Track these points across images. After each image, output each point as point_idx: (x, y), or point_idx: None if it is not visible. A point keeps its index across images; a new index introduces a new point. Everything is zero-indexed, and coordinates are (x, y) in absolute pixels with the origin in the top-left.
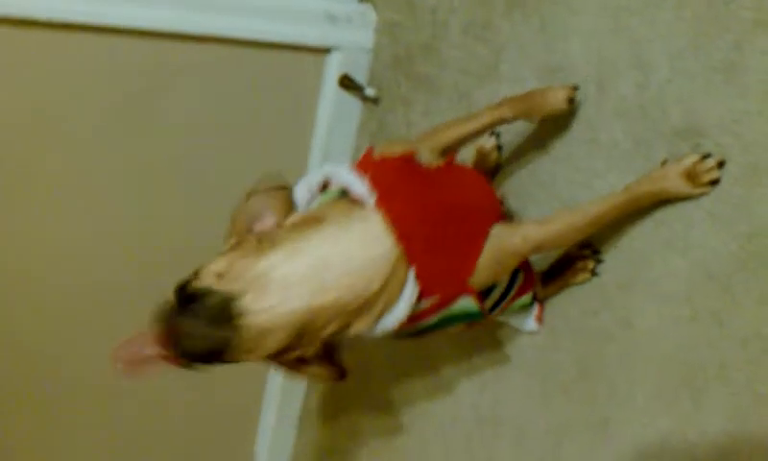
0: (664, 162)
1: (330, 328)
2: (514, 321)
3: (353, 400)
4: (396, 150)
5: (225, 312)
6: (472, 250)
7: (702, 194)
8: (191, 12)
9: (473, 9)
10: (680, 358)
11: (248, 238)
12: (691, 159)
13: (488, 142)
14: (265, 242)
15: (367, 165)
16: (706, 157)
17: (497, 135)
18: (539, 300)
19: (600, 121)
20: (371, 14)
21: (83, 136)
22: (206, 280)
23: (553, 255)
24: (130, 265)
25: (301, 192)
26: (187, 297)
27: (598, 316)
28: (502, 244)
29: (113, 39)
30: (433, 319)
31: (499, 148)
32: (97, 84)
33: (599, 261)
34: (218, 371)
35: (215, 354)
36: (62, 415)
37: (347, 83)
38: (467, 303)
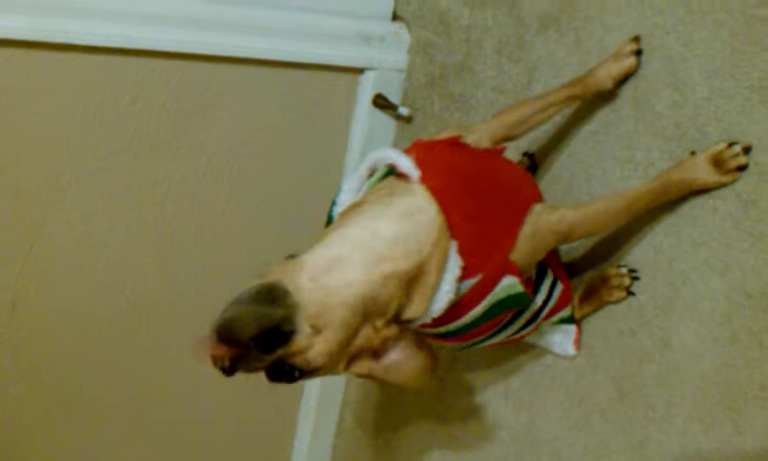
0: (693, 153)
1: (394, 304)
2: (552, 344)
3: (389, 418)
4: (447, 133)
5: (272, 292)
6: (513, 223)
7: (731, 181)
8: (225, 34)
9: (507, 28)
10: (719, 379)
11: None
12: (718, 147)
13: (521, 162)
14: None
15: (412, 148)
16: (732, 144)
17: (531, 156)
18: (577, 321)
19: (636, 140)
20: (404, 34)
21: (118, 158)
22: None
23: (589, 273)
24: (162, 284)
25: (350, 184)
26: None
27: (636, 336)
28: (541, 220)
29: (151, 63)
30: (479, 309)
31: (534, 168)
32: (133, 106)
33: (635, 279)
34: (254, 393)
35: (275, 337)
36: (96, 432)
37: (380, 102)
38: (510, 285)
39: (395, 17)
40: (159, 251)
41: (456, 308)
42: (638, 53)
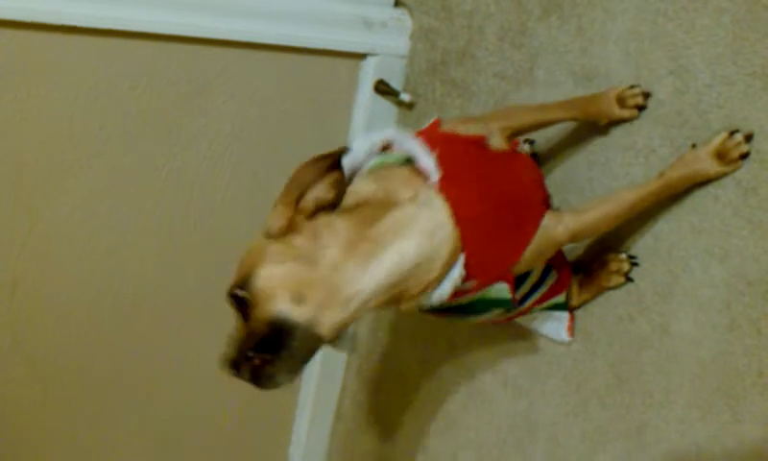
0: (694, 146)
1: (381, 306)
2: (546, 329)
3: (387, 404)
4: (469, 129)
5: (311, 347)
6: (521, 240)
7: (735, 170)
8: (227, 18)
9: (509, 14)
10: (717, 366)
11: (299, 223)
12: (720, 138)
13: (522, 148)
14: (324, 233)
15: (434, 139)
16: (733, 132)
17: (531, 143)
18: (571, 309)
19: (638, 127)
20: (406, 20)
21: (119, 141)
22: (280, 305)
23: (588, 259)
24: (162, 268)
25: (361, 145)
26: (269, 337)
27: (635, 322)
28: (547, 234)
29: (153, 46)
30: (465, 299)
31: (534, 155)
32: (134, 89)
33: (635, 265)
34: None
35: None
36: (95, 416)
37: (382, 88)
38: (500, 289)
39: (397, 3)
40: (160, 235)
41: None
42: (641, 108)
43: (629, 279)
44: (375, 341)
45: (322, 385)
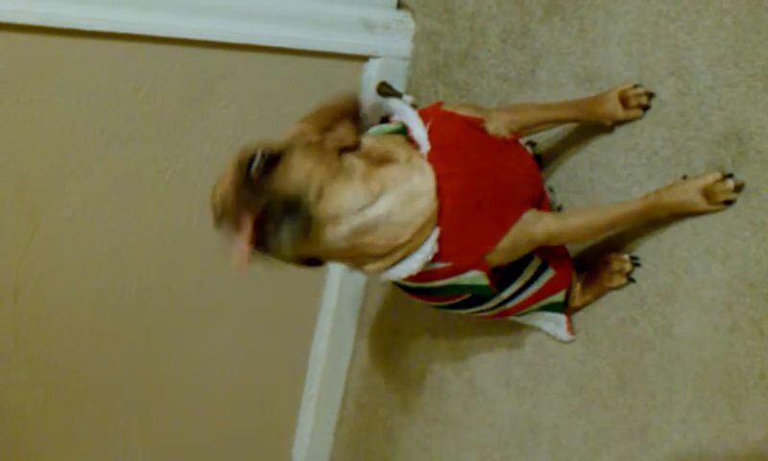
0: (685, 177)
1: (347, 261)
2: (546, 326)
3: (390, 406)
4: (467, 112)
5: (309, 231)
6: (500, 229)
7: (716, 211)
8: (229, 21)
9: (512, 15)
10: (719, 367)
11: (328, 147)
12: (713, 177)
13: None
14: (348, 166)
15: (431, 115)
16: (727, 176)
17: (533, 145)
18: (568, 311)
19: (640, 128)
20: (409, 22)
21: (122, 144)
22: (306, 187)
23: (590, 258)
24: (164, 270)
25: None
26: (291, 203)
27: (637, 324)
28: (525, 229)
29: (155, 49)
30: (441, 282)
31: (538, 157)
32: (137, 92)
33: (636, 265)
34: (257, 380)
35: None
36: (96, 419)
37: (384, 90)
38: (476, 277)
39: (399, 5)
40: (162, 237)
41: (421, 275)
42: (645, 108)
43: (631, 280)
44: (378, 342)
45: (325, 387)
